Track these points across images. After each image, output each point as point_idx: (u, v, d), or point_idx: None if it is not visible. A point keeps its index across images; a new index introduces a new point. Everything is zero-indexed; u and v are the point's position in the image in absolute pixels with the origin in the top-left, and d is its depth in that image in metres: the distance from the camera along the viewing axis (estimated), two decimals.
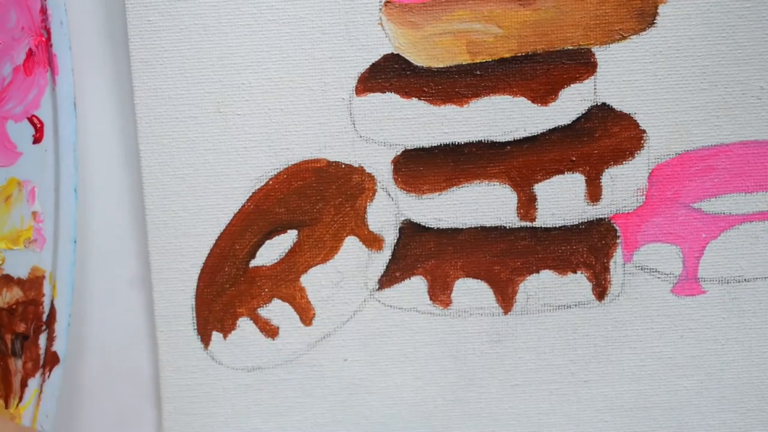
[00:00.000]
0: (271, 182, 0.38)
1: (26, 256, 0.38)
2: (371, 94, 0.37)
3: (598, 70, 0.37)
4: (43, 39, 0.37)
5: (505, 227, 0.38)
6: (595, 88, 0.37)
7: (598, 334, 0.39)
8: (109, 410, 0.41)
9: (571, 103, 0.37)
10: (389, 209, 0.38)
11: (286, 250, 0.39)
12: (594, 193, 0.38)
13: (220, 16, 0.37)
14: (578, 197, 0.38)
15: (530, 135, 0.38)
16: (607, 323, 0.39)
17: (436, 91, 0.37)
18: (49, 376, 0.37)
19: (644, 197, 0.38)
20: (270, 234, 0.39)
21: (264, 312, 0.39)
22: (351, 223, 0.38)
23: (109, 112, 0.39)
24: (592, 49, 0.37)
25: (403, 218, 0.38)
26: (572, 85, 0.37)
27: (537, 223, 0.38)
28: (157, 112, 0.38)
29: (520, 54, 0.37)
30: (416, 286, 0.39)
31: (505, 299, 0.39)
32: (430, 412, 0.40)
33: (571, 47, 0.37)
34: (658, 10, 0.37)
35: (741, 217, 0.38)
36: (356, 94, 0.38)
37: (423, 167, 0.38)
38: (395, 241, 0.39)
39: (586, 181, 0.38)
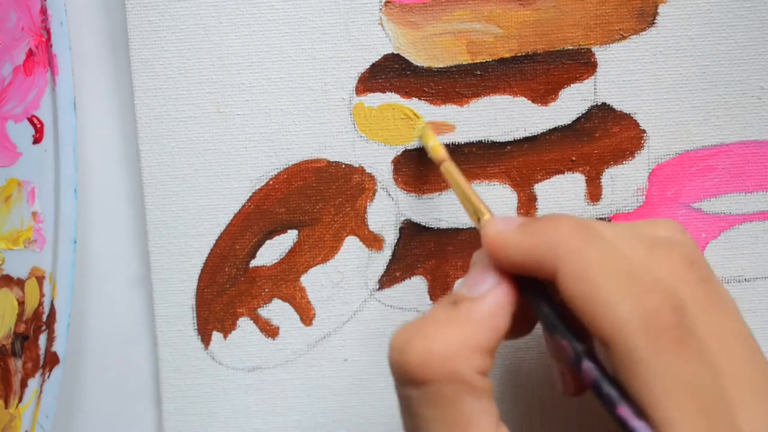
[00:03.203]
0: (271, 182, 0.38)
1: (26, 256, 0.38)
2: (371, 94, 0.37)
3: (598, 70, 0.37)
4: (43, 39, 0.37)
5: None
6: (595, 88, 0.37)
7: None
8: (109, 410, 0.41)
9: (571, 103, 0.37)
10: (389, 209, 0.38)
11: (286, 250, 0.39)
12: (594, 193, 0.38)
13: (220, 16, 0.37)
14: (578, 197, 0.38)
15: (530, 135, 0.38)
16: None
17: (436, 91, 0.37)
18: (49, 376, 0.37)
19: (644, 197, 0.38)
20: (270, 234, 0.39)
21: (264, 312, 0.39)
22: (351, 223, 0.38)
23: (109, 112, 0.39)
24: (592, 49, 0.37)
25: (403, 218, 0.39)
26: (572, 85, 0.37)
27: None
28: (157, 112, 0.38)
29: (520, 54, 0.37)
30: (416, 286, 0.39)
31: None
32: None
33: (571, 47, 0.37)
34: (658, 10, 0.37)
35: (741, 217, 0.38)
36: (356, 94, 0.38)
37: (423, 167, 0.38)
38: (395, 241, 0.39)
39: (586, 181, 0.38)
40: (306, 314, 0.39)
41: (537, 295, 0.29)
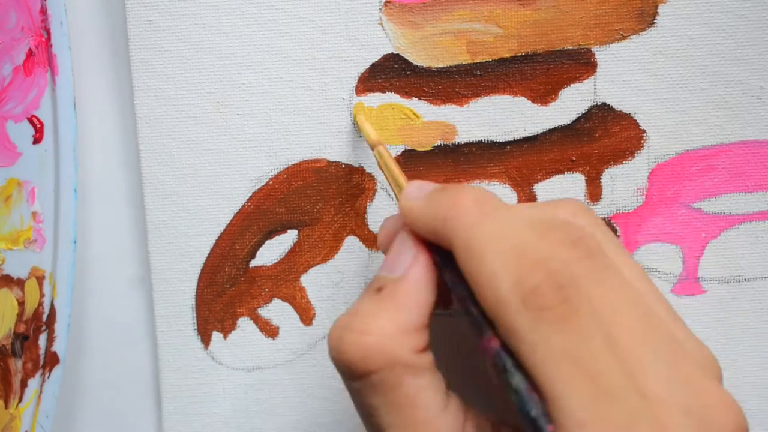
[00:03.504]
0: (271, 182, 0.38)
1: (26, 256, 0.38)
2: (371, 94, 0.37)
3: (598, 70, 0.37)
4: (43, 39, 0.37)
5: None
6: (595, 88, 0.37)
7: None
8: (109, 410, 0.41)
9: (571, 103, 0.37)
10: (389, 209, 0.38)
11: (286, 250, 0.39)
12: (594, 193, 0.38)
13: (220, 16, 0.37)
14: (578, 197, 0.38)
15: (530, 135, 0.38)
16: None
17: (436, 91, 0.37)
18: (49, 376, 0.37)
19: (644, 197, 0.38)
20: (270, 234, 0.39)
21: (264, 312, 0.39)
22: (351, 223, 0.38)
23: (109, 112, 0.39)
24: (592, 49, 0.37)
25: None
26: (572, 85, 0.37)
27: None
28: (157, 112, 0.38)
29: (520, 54, 0.37)
30: None
31: None
32: None
33: (571, 47, 0.37)
34: (658, 10, 0.37)
35: (741, 217, 0.38)
36: (356, 94, 0.38)
37: (423, 167, 0.38)
38: None
39: (586, 181, 0.38)
40: (306, 314, 0.39)
41: (448, 269, 0.29)
